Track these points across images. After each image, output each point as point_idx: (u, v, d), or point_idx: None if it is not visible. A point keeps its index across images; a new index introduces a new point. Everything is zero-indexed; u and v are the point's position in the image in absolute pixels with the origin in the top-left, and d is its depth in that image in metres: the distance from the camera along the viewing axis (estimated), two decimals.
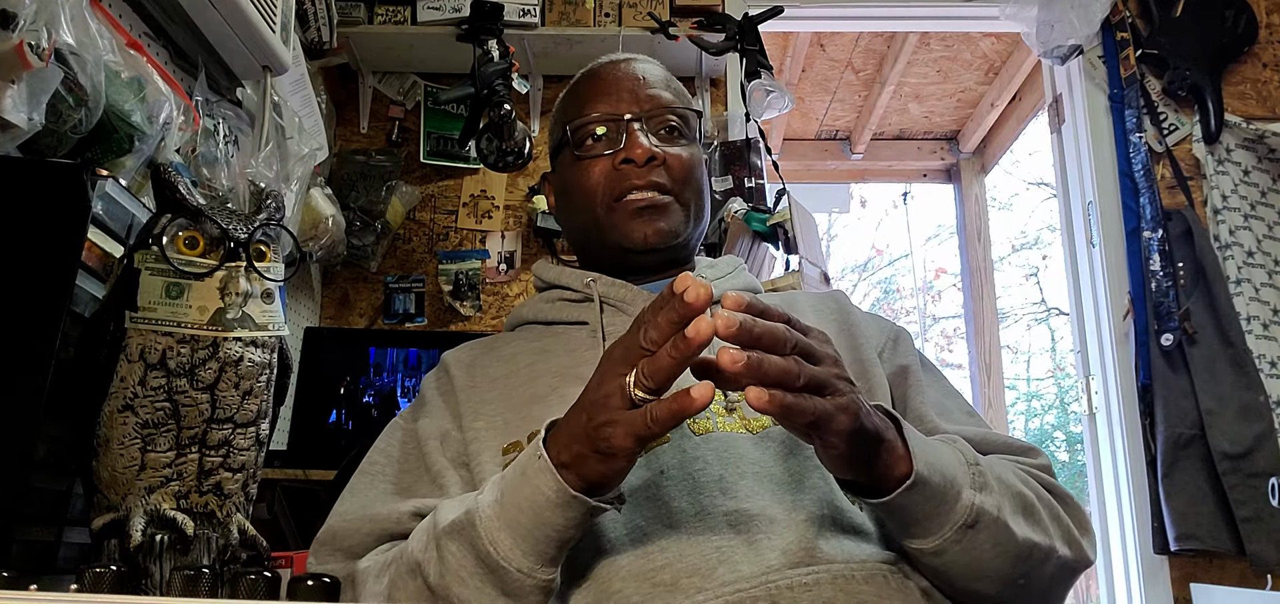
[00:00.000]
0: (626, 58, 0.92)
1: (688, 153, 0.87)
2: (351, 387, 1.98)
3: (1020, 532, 0.65)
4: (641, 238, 0.83)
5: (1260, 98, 2.35)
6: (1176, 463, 1.99)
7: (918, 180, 4.45)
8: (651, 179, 0.83)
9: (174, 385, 0.77)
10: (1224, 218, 2.18)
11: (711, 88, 2.43)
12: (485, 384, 0.82)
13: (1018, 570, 0.65)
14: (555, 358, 0.82)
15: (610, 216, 0.84)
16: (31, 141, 0.92)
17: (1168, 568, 2.04)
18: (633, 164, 0.83)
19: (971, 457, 0.67)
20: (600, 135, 0.86)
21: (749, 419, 0.73)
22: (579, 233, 0.91)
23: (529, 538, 0.59)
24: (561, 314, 0.87)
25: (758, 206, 2.09)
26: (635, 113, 0.85)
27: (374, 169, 2.30)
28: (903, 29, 3.12)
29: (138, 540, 0.75)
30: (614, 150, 0.85)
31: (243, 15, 1.36)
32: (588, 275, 0.86)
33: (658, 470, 0.69)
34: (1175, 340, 2.05)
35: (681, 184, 0.85)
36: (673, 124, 0.87)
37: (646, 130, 0.85)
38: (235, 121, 1.47)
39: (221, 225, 0.80)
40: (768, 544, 0.64)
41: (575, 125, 0.87)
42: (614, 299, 0.84)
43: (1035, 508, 0.68)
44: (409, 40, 2.29)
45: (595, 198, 0.85)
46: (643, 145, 0.83)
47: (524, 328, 0.91)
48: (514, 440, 0.75)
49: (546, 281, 0.91)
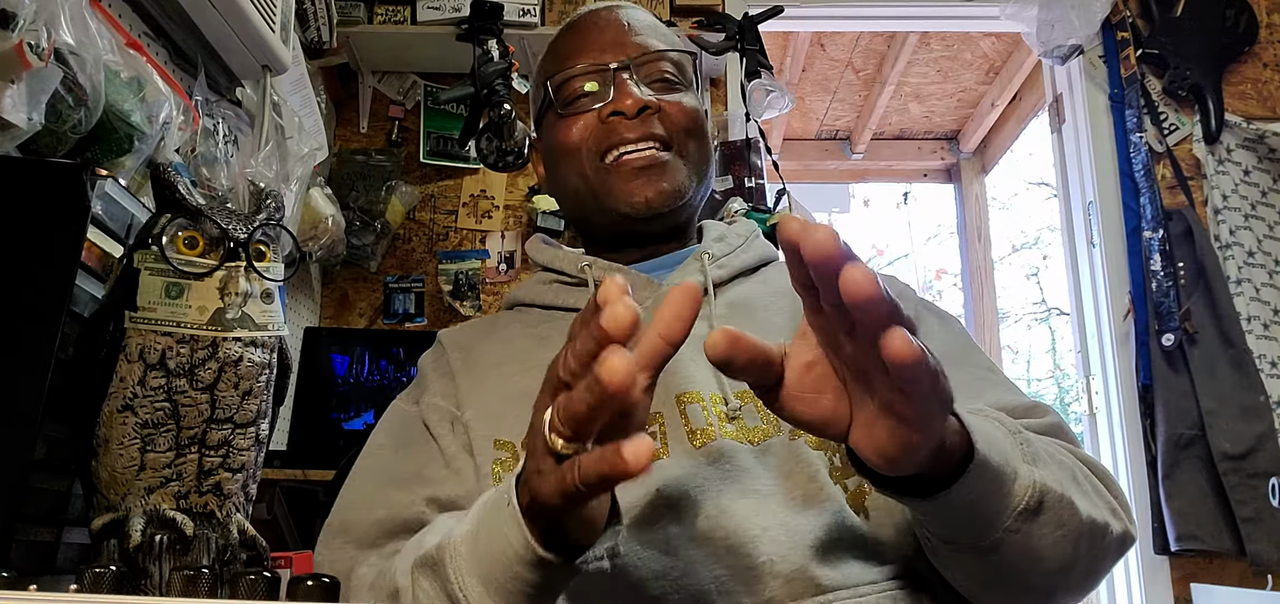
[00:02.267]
0: (609, 4, 0.83)
1: (687, 101, 0.78)
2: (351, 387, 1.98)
3: (1083, 508, 0.55)
4: (644, 200, 0.74)
5: (1261, 98, 2.35)
6: (1177, 463, 1.99)
7: (918, 180, 4.45)
8: (647, 131, 0.75)
9: (173, 385, 0.77)
10: (1224, 218, 2.18)
11: (712, 87, 2.43)
12: (481, 368, 0.76)
13: (1077, 554, 0.56)
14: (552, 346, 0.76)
15: (604, 179, 0.76)
16: (31, 141, 0.92)
17: (1168, 568, 2.04)
18: (622, 116, 0.75)
19: (1011, 424, 0.56)
20: (587, 91, 0.77)
21: (750, 429, 0.67)
22: (573, 202, 0.82)
23: (502, 593, 0.49)
24: (558, 299, 0.80)
25: (758, 206, 2.09)
26: (623, 60, 0.77)
27: (374, 169, 2.30)
28: (903, 29, 3.12)
29: (137, 541, 0.75)
30: (601, 104, 0.76)
31: (242, 15, 1.36)
32: (583, 258, 0.79)
33: (653, 489, 0.63)
34: (1176, 340, 2.05)
35: (682, 135, 0.77)
36: (667, 73, 0.78)
37: (637, 80, 0.76)
38: (235, 121, 1.47)
39: (221, 225, 0.80)
40: (769, 573, 0.59)
41: (557, 81, 0.79)
42: None
43: (1081, 479, 0.59)
44: (409, 40, 2.29)
45: (581, 155, 0.77)
46: (634, 95, 0.75)
47: (520, 310, 0.84)
48: (506, 438, 0.70)
49: (541, 263, 0.84)
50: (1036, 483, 0.52)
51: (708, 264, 0.77)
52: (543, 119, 0.84)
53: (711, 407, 0.67)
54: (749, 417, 0.67)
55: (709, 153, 0.80)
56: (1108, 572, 0.62)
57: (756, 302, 0.76)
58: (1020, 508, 0.51)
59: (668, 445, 0.66)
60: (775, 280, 0.80)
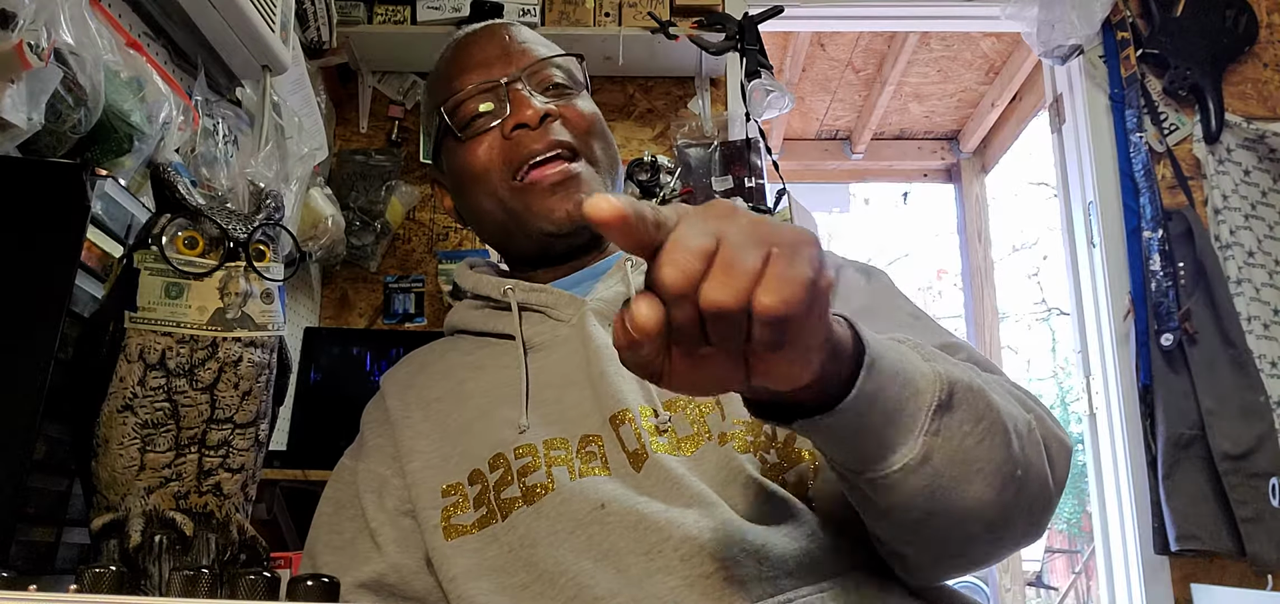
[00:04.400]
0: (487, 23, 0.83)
1: (584, 104, 0.79)
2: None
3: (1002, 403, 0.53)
4: (564, 214, 0.74)
5: (1261, 97, 2.35)
6: (1177, 463, 1.99)
7: (918, 180, 4.45)
8: (552, 139, 0.74)
9: (173, 386, 0.77)
10: (1224, 218, 2.18)
11: (712, 87, 2.43)
12: (420, 412, 0.77)
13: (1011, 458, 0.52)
14: (486, 374, 0.76)
15: (520, 199, 0.76)
16: (31, 141, 0.92)
17: (1168, 568, 2.04)
18: (526, 128, 0.74)
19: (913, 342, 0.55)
20: (482, 110, 0.77)
21: (681, 439, 0.66)
22: (489, 226, 0.81)
23: None
24: (488, 324, 0.80)
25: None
26: (513, 73, 0.76)
27: (373, 169, 2.30)
28: (903, 29, 3.12)
29: (137, 541, 0.75)
30: (501, 120, 0.76)
31: (242, 15, 1.36)
32: (505, 283, 0.79)
33: (598, 504, 0.63)
34: (1176, 340, 2.05)
35: (587, 139, 0.77)
36: (558, 79, 0.79)
37: (531, 89, 0.76)
38: (235, 121, 1.47)
39: (221, 225, 0.80)
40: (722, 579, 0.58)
41: (451, 105, 0.78)
42: (535, 304, 0.77)
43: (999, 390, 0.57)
44: (409, 40, 2.28)
45: (491, 177, 0.76)
46: (533, 105, 0.74)
47: (457, 336, 0.85)
48: (453, 482, 0.70)
49: (464, 289, 0.84)
50: (941, 374, 0.50)
51: (630, 271, 0.77)
52: (441, 148, 0.83)
53: (642, 421, 0.67)
54: (680, 427, 0.67)
55: (615, 154, 0.81)
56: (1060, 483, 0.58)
57: None
58: (933, 405, 0.49)
59: (609, 467, 0.66)
60: None
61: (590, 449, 0.67)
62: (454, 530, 0.67)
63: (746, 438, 0.65)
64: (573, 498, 0.64)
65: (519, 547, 0.64)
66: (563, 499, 0.64)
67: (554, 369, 0.73)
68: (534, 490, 0.66)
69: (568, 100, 0.78)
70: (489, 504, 0.67)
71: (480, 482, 0.69)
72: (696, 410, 0.67)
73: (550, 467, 0.66)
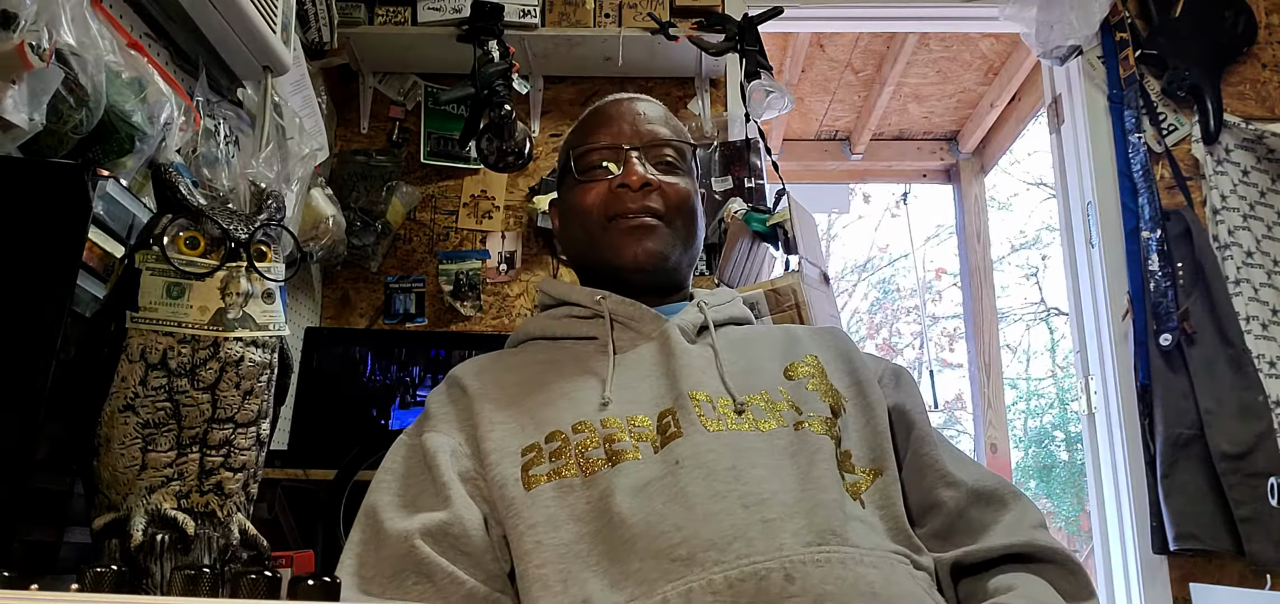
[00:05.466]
0: (630, 97, 0.98)
1: (682, 183, 0.92)
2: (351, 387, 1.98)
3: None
4: (632, 256, 0.88)
5: (1259, 98, 2.35)
6: (1176, 463, 2.00)
7: (917, 180, 4.45)
8: (645, 203, 0.89)
9: (175, 385, 0.77)
10: (1223, 218, 2.19)
11: (711, 88, 2.44)
12: (496, 390, 0.83)
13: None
14: (564, 369, 0.84)
15: (605, 235, 0.90)
16: (32, 142, 0.92)
17: (1167, 568, 2.05)
18: (628, 189, 0.89)
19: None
20: (601, 164, 0.92)
21: (758, 420, 0.76)
22: (578, 251, 0.95)
23: None
24: (569, 330, 0.90)
25: (757, 207, 2.09)
26: (634, 144, 0.91)
27: (374, 169, 2.30)
28: (902, 29, 3.12)
29: (138, 540, 0.75)
30: (612, 177, 0.91)
31: (243, 16, 1.36)
32: (597, 292, 0.90)
33: (673, 462, 0.71)
34: (1174, 340, 2.05)
35: (673, 211, 0.90)
36: (669, 158, 0.93)
37: (644, 160, 0.91)
38: (236, 122, 1.48)
39: (222, 225, 0.80)
40: (781, 525, 0.66)
41: (578, 151, 0.94)
42: (623, 316, 0.87)
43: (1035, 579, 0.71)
44: (409, 41, 2.29)
45: (592, 216, 0.90)
46: (638, 172, 0.89)
47: (530, 343, 0.92)
48: (531, 442, 0.76)
49: (555, 297, 0.94)
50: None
51: (706, 308, 0.90)
52: (563, 180, 0.98)
53: (720, 404, 0.77)
54: (756, 411, 0.77)
55: (696, 230, 0.94)
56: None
57: (751, 335, 0.90)
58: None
59: (681, 430, 0.74)
60: (760, 326, 0.97)
61: (667, 421, 0.76)
62: (533, 481, 0.73)
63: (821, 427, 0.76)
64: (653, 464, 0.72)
65: (597, 500, 0.71)
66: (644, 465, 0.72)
67: (635, 366, 0.83)
68: (620, 454, 0.73)
69: (670, 177, 0.92)
70: (568, 457, 0.74)
71: (560, 440, 0.75)
72: (774, 406, 0.78)
73: (636, 440, 0.74)
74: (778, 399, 0.79)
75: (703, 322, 0.88)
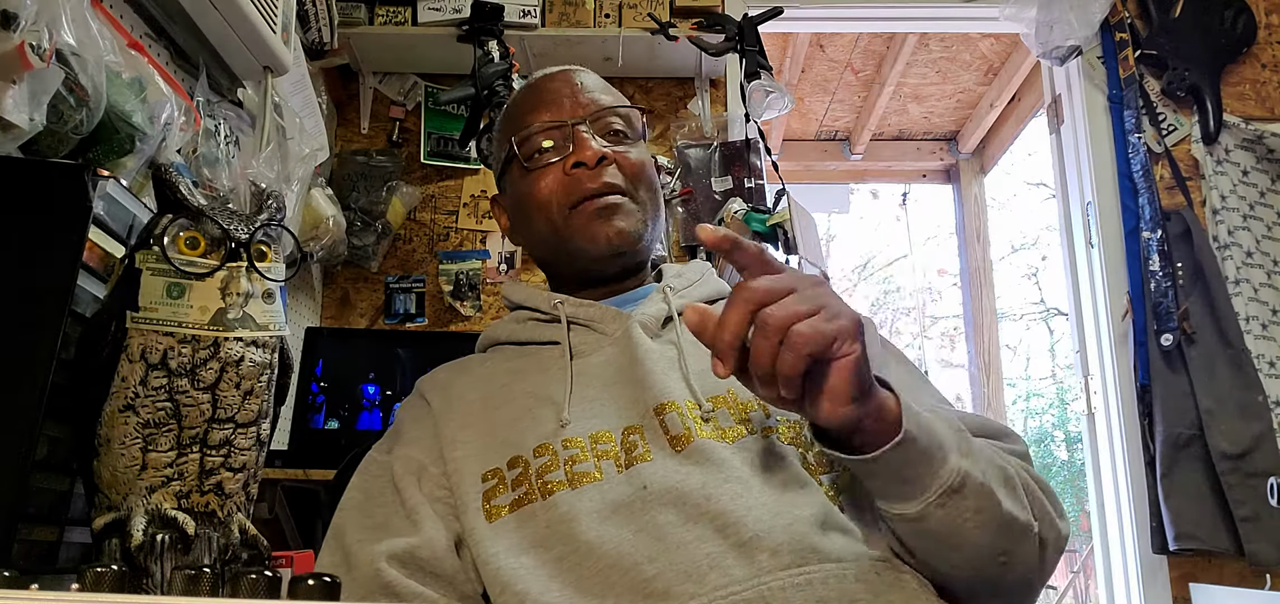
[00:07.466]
0: (562, 69, 0.92)
1: (636, 152, 0.87)
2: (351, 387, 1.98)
3: (1005, 502, 0.64)
4: (605, 240, 0.82)
5: (1259, 98, 2.35)
6: (1175, 463, 2.00)
7: (917, 181, 4.46)
8: (604, 179, 0.83)
9: (175, 385, 0.77)
10: (1223, 218, 2.19)
11: (711, 88, 2.44)
12: (462, 408, 0.80)
13: (999, 545, 0.64)
14: (528, 377, 0.81)
15: (569, 225, 0.84)
16: (32, 142, 0.92)
17: (1167, 567, 2.05)
18: (584, 167, 0.83)
19: (957, 424, 0.67)
20: (547, 146, 0.86)
21: (724, 429, 0.72)
22: (541, 247, 0.90)
23: None
24: (533, 334, 0.86)
25: (757, 207, 2.09)
26: (579, 117, 0.85)
27: (374, 169, 2.31)
28: (902, 30, 3.12)
29: (139, 540, 0.75)
30: (563, 157, 0.84)
31: (243, 16, 1.36)
32: (555, 297, 0.86)
33: (640, 486, 0.68)
34: (1174, 340, 2.05)
35: (634, 181, 0.85)
36: (618, 127, 0.87)
37: (593, 133, 0.85)
38: (236, 122, 1.48)
39: (222, 226, 0.80)
40: (757, 546, 0.63)
41: (521, 136, 0.87)
42: (582, 318, 0.83)
43: (1016, 484, 0.68)
44: (409, 41, 2.29)
45: (551, 207, 0.84)
46: (592, 147, 0.83)
47: (497, 348, 0.89)
48: (493, 467, 0.74)
49: (515, 302, 0.90)
50: (960, 469, 0.62)
51: (670, 295, 0.85)
52: (506, 174, 0.92)
53: (687, 412, 0.73)
54: (722, 418, 0.73)
55: (659, 200, 0.89)
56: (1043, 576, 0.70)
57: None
58: (945, 486, 0.62)
59: (650, 453, 0.71)
60: None
61: (633, 439, 0.72)
62: (495, 512, 0.71)
63: (788, 433, 0.73)
64: (617, 485, 0.69)
65: (558, 523, 0.68)
66: (608, 485, 0.69)
67: (597, 372, 0.79)
68: (580, 477, 0.70)
69: (623, 147, 0.86)
70: (529, 484, 0.71)
71: (521, 465, 0.73)
72: (740, 406, 0.74)
73: (599, 459, 0.71)
74: (745, 397, 0.74)
75: (667, 312, 0.83)
